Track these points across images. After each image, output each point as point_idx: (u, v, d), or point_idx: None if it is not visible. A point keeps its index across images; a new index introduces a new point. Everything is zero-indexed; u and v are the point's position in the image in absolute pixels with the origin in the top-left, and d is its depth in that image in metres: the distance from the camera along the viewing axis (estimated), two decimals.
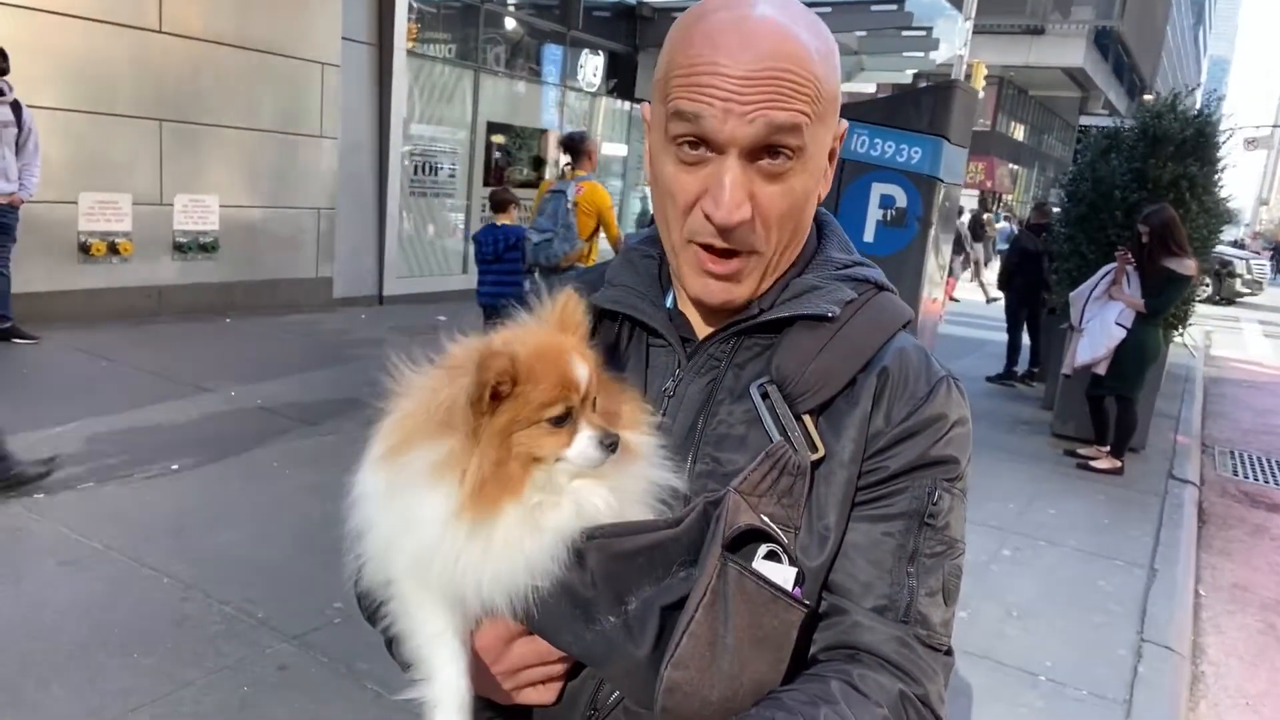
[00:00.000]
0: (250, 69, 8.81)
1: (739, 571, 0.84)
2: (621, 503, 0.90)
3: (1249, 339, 17.10)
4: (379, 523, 0.91)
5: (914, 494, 0.92)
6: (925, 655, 0.90)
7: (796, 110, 0.88)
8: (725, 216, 0.90)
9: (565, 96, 13.27)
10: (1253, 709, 3.86)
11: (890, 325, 0.99)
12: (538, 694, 0.96)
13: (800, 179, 0.92)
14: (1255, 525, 6.28)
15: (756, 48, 0.87)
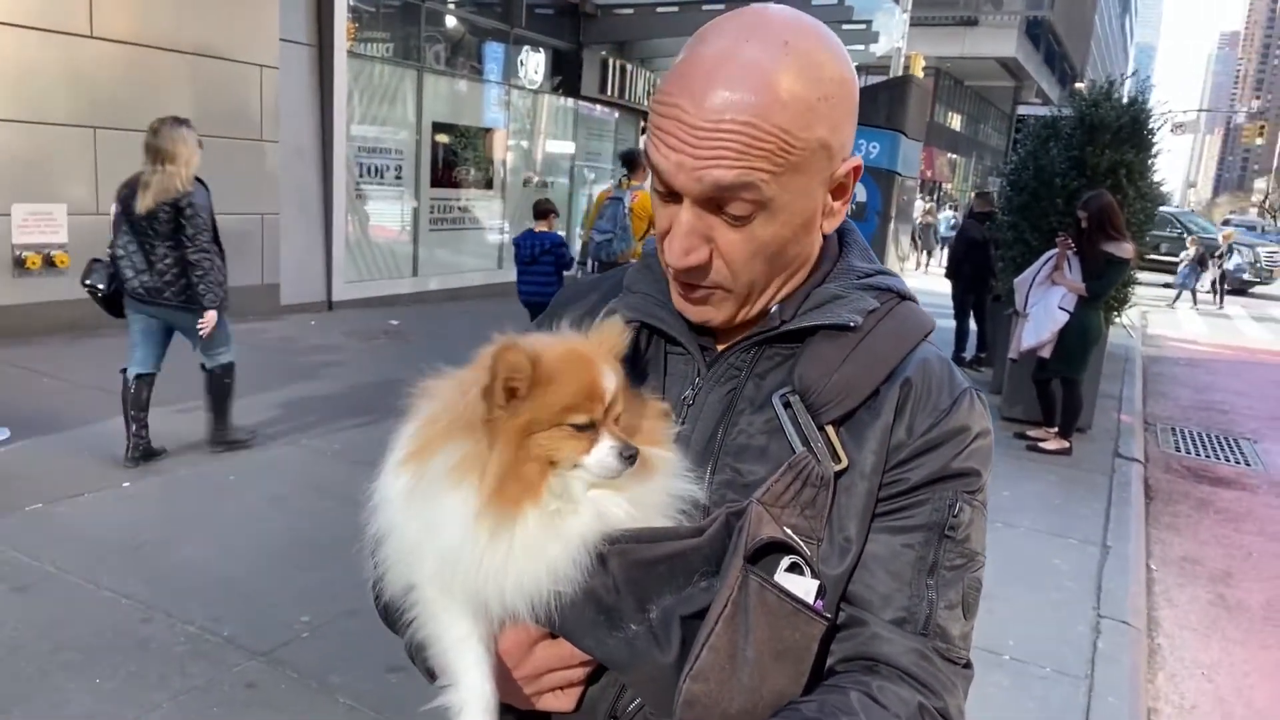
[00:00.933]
0: (186, 73, 8.59)
1: (760, 584, 0.84)
2: (642, 512, 0.89)
3: (1182, 318, 17.66)
4: (401, 527, 0.91)
5: (935, 506, 0.92)
6: (944, 668, 0.90)
7: (747, 168, 0.85)
8: (673, 261, 0.92)
9: (510, 95, 13.18)
10: (1207, 678, 4.00)
11: (913, 335, 0.99)
12: (557, 700, 0.96)
13: (766, 228, 0.90)
14: (1200, 499, 6.49)
15: (718, 96, 0.84)
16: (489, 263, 13.29)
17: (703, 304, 0.97)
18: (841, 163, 0.93)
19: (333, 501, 4.74)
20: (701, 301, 0.97)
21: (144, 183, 4.82)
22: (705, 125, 0.85)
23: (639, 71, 15.56)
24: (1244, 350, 14.06)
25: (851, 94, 0.92)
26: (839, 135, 0.90)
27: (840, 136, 0.90)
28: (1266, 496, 6.65)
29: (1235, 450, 7.90)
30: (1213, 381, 11.17)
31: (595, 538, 0.87)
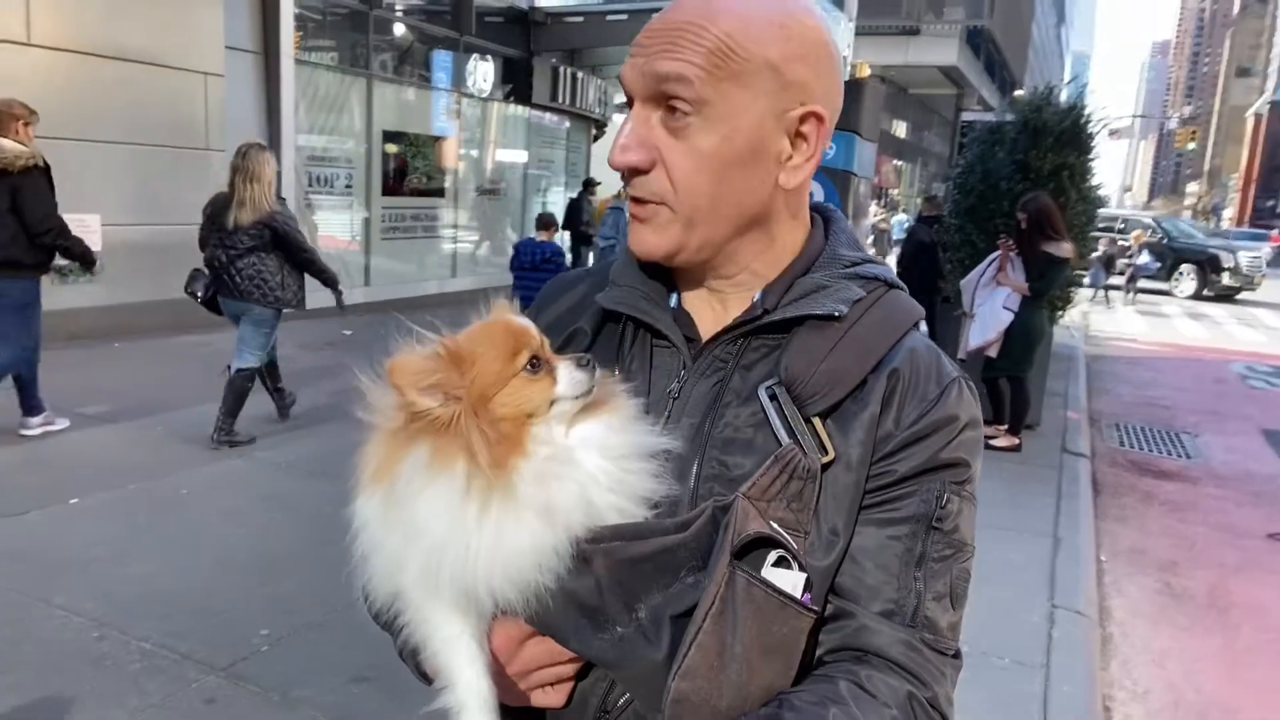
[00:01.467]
0: (129, 81, 8.41)
1: (748, 580, 0.83)
2: (619, 466, 0.89)
3: (1121, 315, 18.15)
4: (383, 542, 0.90)
5: (923, 497, 0.91)
6: (933, 658, 0.90)
7: (685, 61, 0.88)
8: (613, 157, 0.94)
9: (460, 103, 13.11)
10: (1158, 664, 4.11)
11: (901, 324, 0.98)
12: (548, 696, 0.95)
13: (706, 139, 0.90)
14: (1145, 492, 6.68)
15: (681, 5, 0.91)
16: (443, 271, 13.20)
17: (646, 223, 0.97)
18: (799, 105, 0.92)
19: (287, 514, 4.67)
20: (646, 220, 0.96)
21: (238, 200, 5.49)
22: (661, 27, 0.91)
23: (590, 79, 15.59)
24: (1182, 348, 14.48)
25: (816, 44, 0.93)
26: (793, 69, 0.91)
27: (795, 72, 0.91)
28: (1207, 488, 6.86)
29: (1177, 444, 8.14)
30: (1153, 378, 11.49)
31: (579, 510, 0.86)
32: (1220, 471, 7.34)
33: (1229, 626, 4.52)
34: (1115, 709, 3.71)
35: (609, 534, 0.87)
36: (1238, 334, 16.73)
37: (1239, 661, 4.17)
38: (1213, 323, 18.27)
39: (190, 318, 9.13)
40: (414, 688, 3.15)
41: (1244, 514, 6.29)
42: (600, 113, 16.46)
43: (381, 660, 3.28)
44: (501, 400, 0.87)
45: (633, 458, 0.90)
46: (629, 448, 0.91)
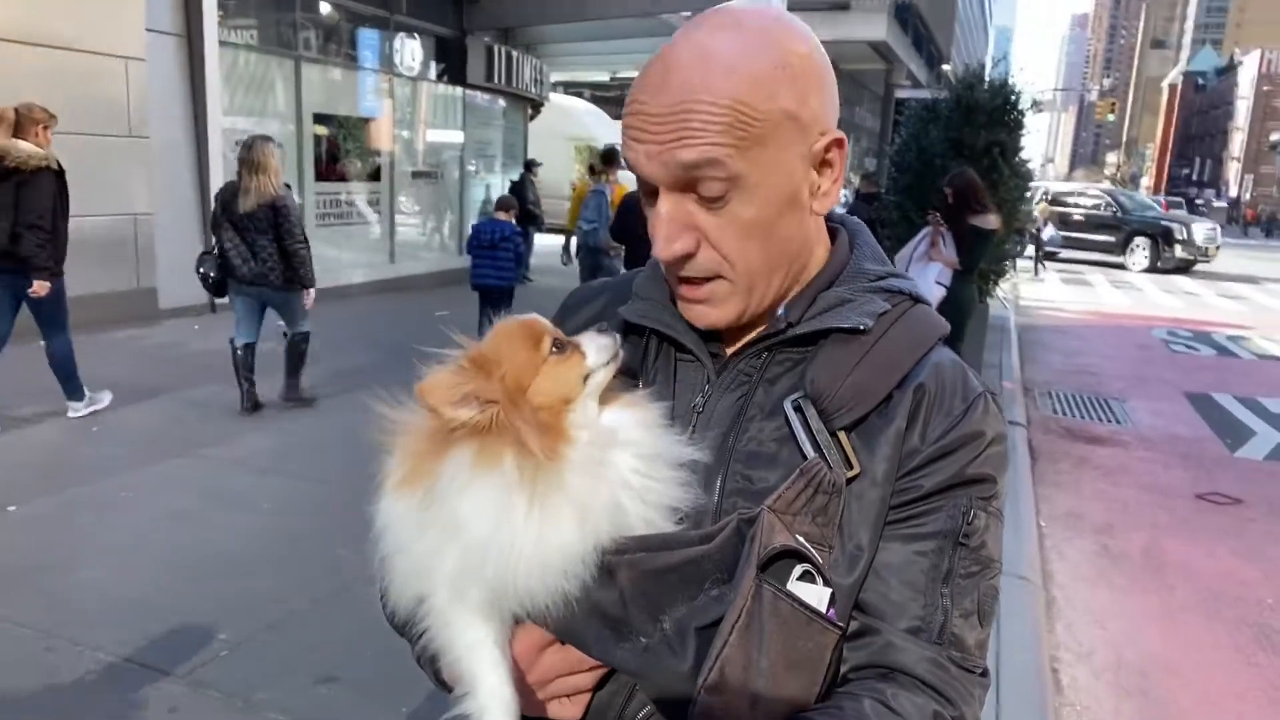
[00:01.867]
0: (45, 67, 8.05)
1: (774, 594, 0.83)
2: (648, 467, 0.90)
3: (1049, 287, 18.69)
4: (409, 546, 0.91)
5: (949, 513, 0.91)
6: (960, 677, 0.89)
7: (708, 144, 0.86)
8: (660, 253, 0.93)
9: (391, 83, 12.84)
10: (1100, 625, 4.29)
11: (927, 339, 0.98)
12: (564, 708, 0.95)
13: (746, 207, 0.90)
14: (1079, 458, 6.92)
15: (671, 82, 0.87)
16: (379, 257, 12.97)
17: (705, 303, 0.96)
18: (819, 136, 0.91)
19: (239, 513, 4.57)
20: (704, 300, 0.96)
21: (244, 189, 5.99)
22: (663, 110, 0.87)
23: (525, 58, 15.39)
24: (1106, 315, 14.99)
25: (817, 67, 0.91)
26: (807, 106, 0.89)
27: (809, 108, 0.89)
28: (1138, 451, 7.15)
29: (1106, 410, 8.45)
30: (1081, 346, 11.87)
31: (622, 493, 0.88)
32: (1148, 435, 7.64)
33: (1164, 586, 4.73)
34: (1062, 670, 3.87)
35: (634, 545, 0.87)
36: (1159, 300, 17.36)
37: (1175, 619, 4.37)
38: (1134, 289, 18.93)
39: (127, 311, 8.86)
40: (383, 688, 3.14)
41: (1172, 475, 6.57)
42: (536, 92, 16.27)
43: (347, 660, 3.25)
44: (538, 388, 0.89)
45: (661, 462, 0.91)
46: (658, 450, 0.91)
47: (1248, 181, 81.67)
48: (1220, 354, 11.74)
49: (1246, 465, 6.94)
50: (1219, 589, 4.72)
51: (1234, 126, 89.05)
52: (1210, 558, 5.11)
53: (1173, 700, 3.67)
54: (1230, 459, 7.08)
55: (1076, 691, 3.71)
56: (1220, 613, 4.45)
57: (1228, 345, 12.37)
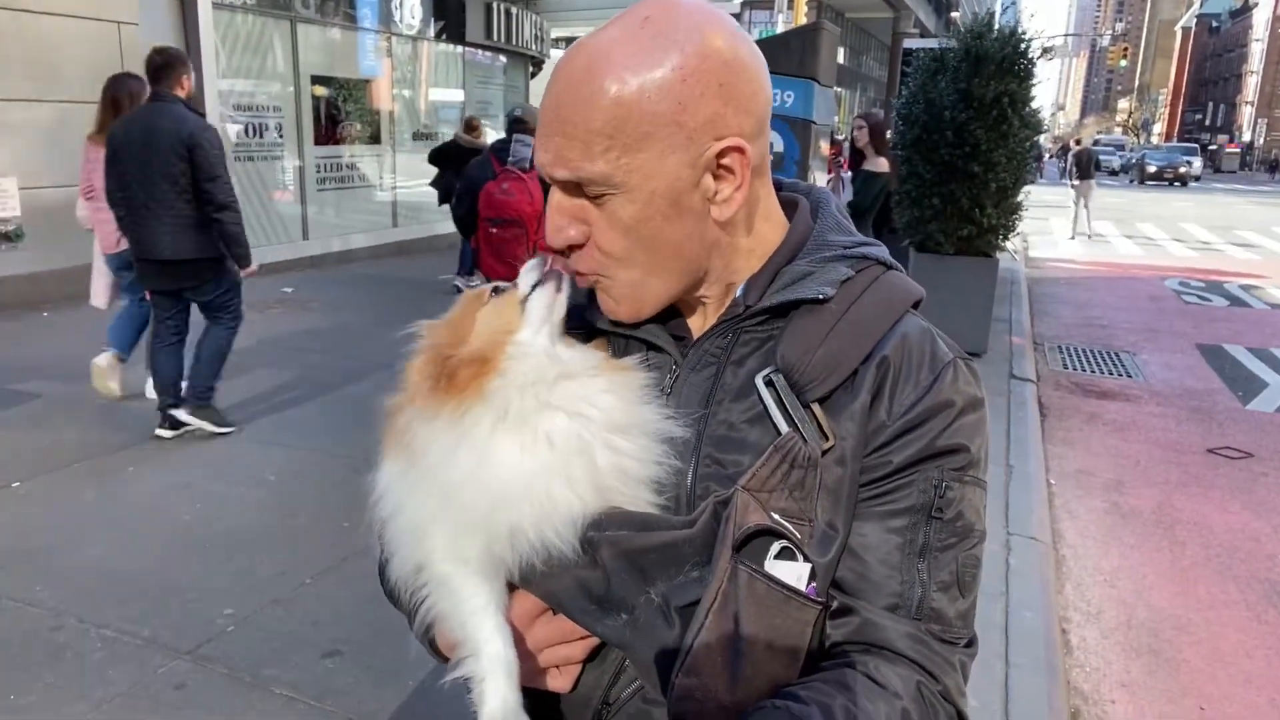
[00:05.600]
0: (37, 34, 7.93)
1: (750, 574, 0.83)
2: (623, 400, 0.93)
3: (1059, 239, 18.47)
4: (403, 505, 0.95)
5: (921, 487, 0.90)
6: (941, 650, 0.89)
7: (578, 161, 0.88)
8: (550, 239, 0.95)
9: (390, 42, 12.64)
10: (1109, 584, 4.27)
11: (899, 305, 0.96)
12: (555, 679, 0.96)
13: (625, 207, 0.89)
14: (1089, 414, 6.87)
15: (553, 96, 0.90)
16: (383, 220, 12.88)
17: (599, 290, 0.98)
18: (714, 142, 0.88)
19: (243, 486, 4.57)
20: (596, 287, 0.98)
21: None
22: (547, 123, 0.90)
23: (525, 15, 15.13)
24: (1117, 266, 14.83)
25: (722, 73, 0.87)
26: (698, 112, 0.86)
27: (700, 114, 0.86)
28: (1149, 406, 7.08)
29: (1117, 363, 8.37)
30: (1091, 298, 11.76)
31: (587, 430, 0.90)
32: (1160, 389, 7.57)
33: (1175, 543, 4.70)
34: (1071, 631, 3.85)
35: (616, 522, 0.88)
36: (1172, 250, 17.17)
37: (1186, 577, 4.34)
38: (1147, 240, 18.71)
39: None
40: (388, 661, 3.12)
41: (1184, 430, 6.51)
42: (537, 49, 16.02)
43: (352, 634, 3.25)
44: (475, 332, 0.94)
45: (636, 431, 0.92)
46: (626, 415, 0.92)
47: (1261, 126, 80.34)
48: (1233, 304, 11.61)
49: (1259, 418, 6.87)
50: (1230, 545, 4.68)
51: (1248, 70, 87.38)
52: (1222, 513, 5.07)
53: (1183, 659, 3.65)
54: (1242, 412, 7.01)
55: (1086, 652, 3.70)
56: (1231, 569, 4.42)
57: (1240, 295, 12.23)
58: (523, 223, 5.26)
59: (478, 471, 0.88)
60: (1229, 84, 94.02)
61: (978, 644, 0.94)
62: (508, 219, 5.30)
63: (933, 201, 7.63)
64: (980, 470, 0.94)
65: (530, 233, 5.24)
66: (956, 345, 0.97)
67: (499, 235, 5.33)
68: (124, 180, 4.79)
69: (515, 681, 0.91)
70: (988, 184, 7.46)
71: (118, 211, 4.91)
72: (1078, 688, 3.46)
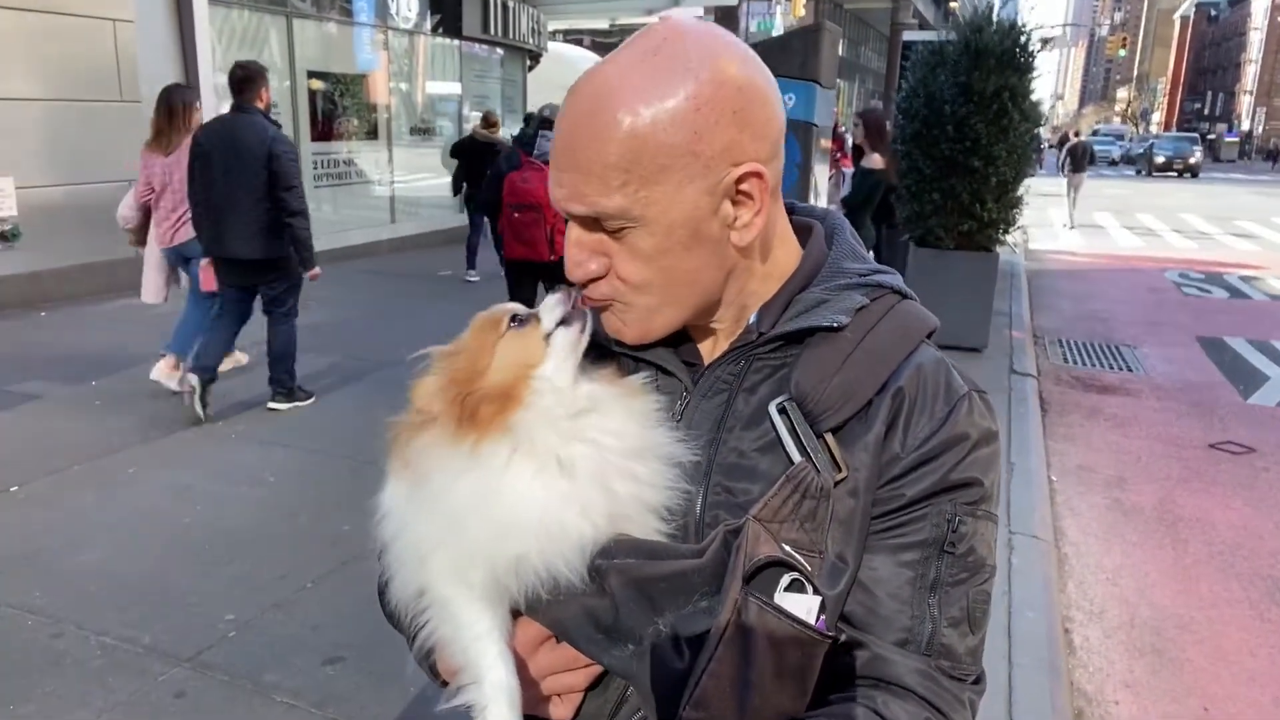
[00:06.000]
0: (31, 32, 7.89)
1: (760, 607, 0.82)
2: (639, 426, 0.92)
3: (1058, 229, 18.45)
4: (407, 526, 0.94)
5: (934, 521, 0.89)
6: (950, 686, 0.89)
7: (594, 197, 0.86)
8: (570, 273, 0.93)
9: (386, 37, 12.58)
10: (1112, 581, 4.26)
11: (915, 336, 0.95)
12: (556, 707, 0.95)
13: (644, 239, 0.88)
14: (1090, 408, 6.85)
15: (565, 129, 0.88)
16: (380, 216, 12.83)
17: (608, 312, 0.96)
18: (730, 169, 0.87)
19: (243, 488, 4.55)
20: (607, 310, 0.97)
21: None
22: (559, 160, 0.89)
23: (522, 8, 15.06)
24: (1117, 258, 14.81)
25: (737, 99, 0.86)
26: (713, 140, 0.85)
27: (716, 141, 0.85)
28: (1150, 401, 7.07)
29: (1118, 357, 8.36)
30: (1091, 291, 11.73)
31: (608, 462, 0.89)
32: (1160, 383, 7.56)
33: (1178, 540, 4.69)
34: (1074, 630, 3.84)
35: (625, 550, 0.87)
36: (1172, 242, 17.14)
37: (1189, 575, 4.33)
38: (1146, 231, 18.69)
39: (124, 280, 8.78)
40: (390, 667, 3.10)
41: (1185, 425, 6.49)
42: (535, 42, 15.95)
43: (354, 639, 3.24)
44: (496, 366, 0.92)
45: (649, 455, 0.91)
46: (644, 443, 0.92)
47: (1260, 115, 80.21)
48: (1233, 296, 11.59)
49: (1260, 412, 6.86)
50: (1233, 542, 4.67)
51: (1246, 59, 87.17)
52: (1224, 510, 5.06)
53: (1186, 658, 3.64)
54: (1243, 406, 7.00)
55: (1089, 652, 3.69)
56: (1234, 566, 4.41)
57: (1240, 287, 12.22)
58: (540, 208, 5.83)
59: (488, 501, 0.87)
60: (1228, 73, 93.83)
61: (985, 681, 0.93)
62: (527, 204, 5.89)
63: (933, 196, 7.61)
64: (993, 505, 0.93)
65: (546, 218, 5.82)
66: (970, 378, 0.96)
67: (519, 219, 5.94)
68: (205, 183, 5.19)
69: (518, 710, 0.89)
70: (988, 179, 7.44)
71: (196, 210, 5.32)
72: (1081, 688, 3.45)
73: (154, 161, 5.68)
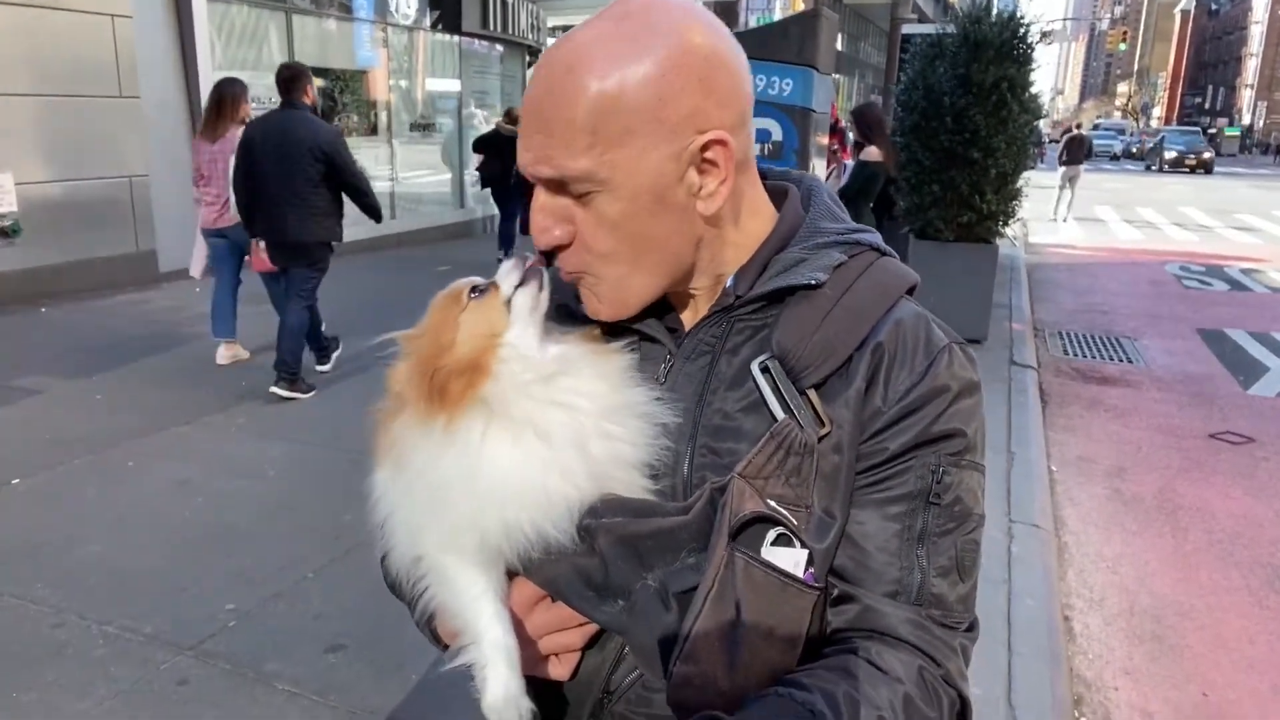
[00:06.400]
0: (29, 27, 7.88)
1: (746, 561, 0.83)
2: (612, 385, 0.93)
3: (1057, 224, 18.43)
4: (398, 506, 0.96)
5: (918, 474, 0.90)
6: (942, 635, 0.90)
7: (559, 160, 0.88)
8: (537, 240, 0.95)
9: (386, 33, 12.57)
10: (1112, 570, 4.26)
11: (894, 291, 0.96)
12: (554, 667, 0.97)
13: (609, 204, 0.89)
14: (1090, 400, 6.85)
15: (534, 93, 0.90)
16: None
17: (583, 289, 0.98)
18: (696, 135, 0.88)
19: (243, 480, 4.56)
20: (581, 286, 0.98)
21: None
22: (529, 122, 0.90)
23: (521, 4, 15.05)
24: (1117, 251, 14.80)
25: (703, 67, 0.87)
26: (679, 105, 0.86)
27: (681, 107, 0.87)
28: (1150, 391, 7.07)
29: (1118, 349, 8.36)
30: (1092, 284, 11.73)
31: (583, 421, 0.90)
32: (1160, 374, 7.56)
33: (1177, 529, 4.69)
34: (1074, 618, 3.85)
35: (612, 508, 0.89)
36: (1172, 234, 17.13)
37: (1188, 563, 4.34)
38: (1147, 224, 18.67)
39: (127, 275, 8.80)
40: (392, 655, 3.11)
41: (1185, 415, 6.50)
42: (534, 38, 15.94)
43: (355, 628, 3.25)
44: (461, 339, 0.92)
45: (626, 412, 0.92)
46: (616, 399, 0.93)
47: (1260, 109, 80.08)
48: (1233, 288, 11.59)
49: (1260, 403, 6.86)
50: (1232, 531, 4.68)
51: (1247, 52, 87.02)
52: (1223, 499, 5.07)
53: (1186, 646, 3.65)
54: (1243, 396, 7.00)
55: (1089, 639, 3.69)
56: (1233, 555, 4.42)
57: (1241, 279, 12.22)
58: None
59: (470, 477, 0.88)
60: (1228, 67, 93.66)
61: (978, 628, 0.94)
62: None
63: (932, 188, 7.61)
64: (977, 454, 0.94)
65: None
66: (951, 330, 0.97)
67: None
68: (255, 173, 5.48)
69: (517, 668, 0.91)
70: (987, 170, 7.44)
71: (241, 198, 5.64)
72: (1081, 675, 3.46)
73: (202, 148, 6.12)
